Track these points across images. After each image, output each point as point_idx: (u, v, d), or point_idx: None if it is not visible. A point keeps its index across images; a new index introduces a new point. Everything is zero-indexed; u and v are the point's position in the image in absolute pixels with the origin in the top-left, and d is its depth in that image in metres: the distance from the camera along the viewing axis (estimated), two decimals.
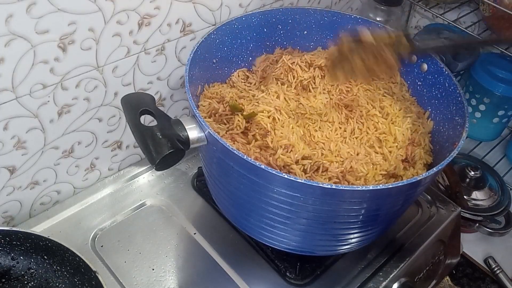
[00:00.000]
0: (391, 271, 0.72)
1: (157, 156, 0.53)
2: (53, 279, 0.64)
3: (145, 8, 0.67)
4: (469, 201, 0.96)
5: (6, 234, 0.63)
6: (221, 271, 0.69)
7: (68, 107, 0.68)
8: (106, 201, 0.78)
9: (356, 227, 0.62)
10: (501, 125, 1.08)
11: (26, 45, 0.58)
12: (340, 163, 0.61)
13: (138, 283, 0.67)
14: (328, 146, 0.63)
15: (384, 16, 1.02)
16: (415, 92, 0.75)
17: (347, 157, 0.62)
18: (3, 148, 0.65)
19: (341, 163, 0.61)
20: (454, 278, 0.97)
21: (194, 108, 0.57)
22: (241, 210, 0.65)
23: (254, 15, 0.75)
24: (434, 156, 0.67)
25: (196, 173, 0.82)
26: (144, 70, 0.74)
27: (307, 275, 0.70)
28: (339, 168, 0.60)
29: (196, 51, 0.66)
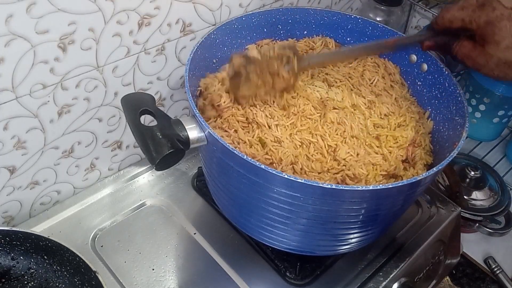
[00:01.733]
0: (391, 271, 0.72)
1: (157, 156, 0.53)
2: (53, 279, 0.64)
3: (145, 8, 0.67)
4: (469, 201, 0.96)
5: (6, 234, 0.63)
6: (221, 271, 0.69)
7: (68, 107, 0.68)
8: (106, 201, 0.78)
9: (356, 227, 0.62)
10: (501, 125, 1.08)
11: (26, 45, 0.58)
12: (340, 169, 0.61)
13: (138, 283, 0.67)
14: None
15: (384, 16, 1.02)
16: (415, 92, 0.75)
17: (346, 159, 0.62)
18: (3, 148, 0.65)
19: (340, 168, 0.61)
20: (454, 278, 0.97)
21: (194, 108, 0.57)
22: (241, 210, 0.65)
23: (254, 15, 0.75)
24: (434, 156, 0.67)
25: (196, 173, 0.82)
26: (144, 70, 0.74)
27: (307, 275, 0.70)
28: (339, 173, 0.61)
29: (196, 51, 0.66)
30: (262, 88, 0.64)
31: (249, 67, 0.63)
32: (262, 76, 0.63)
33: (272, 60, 0.63)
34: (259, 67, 0.63)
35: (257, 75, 0.63)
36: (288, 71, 0.64)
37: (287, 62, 0.64)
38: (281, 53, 0.64)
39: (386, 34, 0.76)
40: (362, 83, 0.73)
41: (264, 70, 0.63)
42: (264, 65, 0.63)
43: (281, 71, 0.63)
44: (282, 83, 0.64)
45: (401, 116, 0.69)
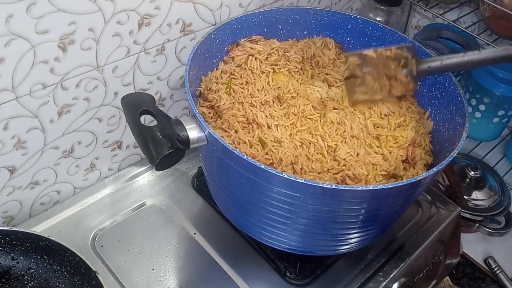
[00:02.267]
0: (391, 271, 0.72)
1: (157, 156, 0.53)
2: (53, 279, 0.64)
3: (145, 8, 0.67)
4: (469, 201, 0.96)
5: (6, 234, 0.63)
6: (221, 271, 0.69)
7: (68, 107, 0.68)
8: (106, 201, 0.78)
9: (356, 227, 0.62)
10: (501, 125, 1.08)
11: (26, 45, 0.58)
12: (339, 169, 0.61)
13: (138, 283, 0.67)
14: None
15: (384, 16, 1.02)
16: (415, 92, 0.75)
17: (346, 159, 0.62)
18: (3, 148, 0.65)
19: (340, 168, 0.61)
20: (454, 278, 0.97)
21: (194, 108, 0.57)
22: (241, 210, 0.65)
23: (254, 15, 0.75)
24: (434, 156, 0.67)
25: (196, 173, 0.82)
26: (144, 70, 0.74)
27: (307, 275, 0.70)
28: (339, 173, 0.61)
29: (196, 51, 0.66)
30: (378, 92, 0.60)
31: (365, 68, 0.60)
32: (378, 79, 0.60)
33: (389, 60, 0.59)
34: (375, 69, 0.59)
35: (373, 78, 0.60)
36: (406, 75, 0.59)
37: (405, 65, 0.60)
38: (398, 54, 0.60)
39: (386, 34, 0.76)
40: None
41: (380, 72, 0.60)
42: (380, 65, 0.59)
43: (399, 75, 0.59)
44: (400, 88, 0.60)
45: (401, 116, 0.69)
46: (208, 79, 0.71)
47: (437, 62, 0.60)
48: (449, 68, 0.62)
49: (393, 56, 0.59)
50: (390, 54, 0.59)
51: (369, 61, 0.60)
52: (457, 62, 0.60)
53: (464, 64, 0.60)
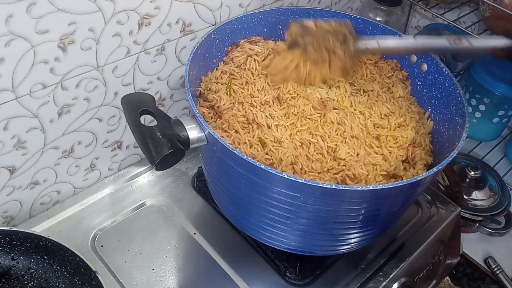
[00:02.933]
0: (391, 271, 0.72)
1: (157, 156, 0.53)
2: (53, 279, 0.64)
3: (145, 8, 0.67)
4: (469, 201, 0.96)
5: (6, 234, 0.63)
6: (221, 271, 0.69)
7: (68, 107, 0.68)
8: (106, 201, 0.78)
9: (356, 227, 0.62)
10: (501, 125, 1.08)
11: (26, 45, 0.58)
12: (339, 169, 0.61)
13: (138, 283, 0.67)
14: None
15: (384, 16, 1.02)
16: (415, 92, 0.75)
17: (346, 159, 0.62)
18: (3, 148, 0.65)
19: (340, 168, 0.61)
20: (454, 278, 0.97)
21: (194, 108, 0.57)
22: (241, 210, 0.65)
23: (254, 15, 0.75)
24: (434, 156, 0.67)
25: (196, 173, 0.83)
26: (144, 70, 0.74)
27: (307, 275, 0.70)
28: (339, 173, 0.61)
29: (196, 51, 0.66)
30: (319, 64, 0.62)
31: (306, 38, 0.61)
32: (319, 51, 0.61)
33: (328, 34, 0.61)
34: (316, 40, 0.61)
35: (314, 49, 0.61)
36: (343, 51, 0.61)
37: (344, 41, 0.61)
38: (337, 29, 0.61)
39: (386, 34, 0.76)
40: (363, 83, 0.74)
41: (320, 43, 0.61)
42: (320, 37, 0.61)
43: (337, 49, 0.61)
44: (338, 63, 0.62)
45: (401, 116, 0.69)
46: (208, 79, 0.71)
47: (374, 43, 0.63)
48: (386, 50, 0.65)
49: (332, 30, 0.61)
50: (329, 28, 0.62)
51: (310, 31, 0.62)
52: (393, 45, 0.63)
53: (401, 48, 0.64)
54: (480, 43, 0.62)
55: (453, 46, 0.61)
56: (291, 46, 0.63)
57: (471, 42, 0.60)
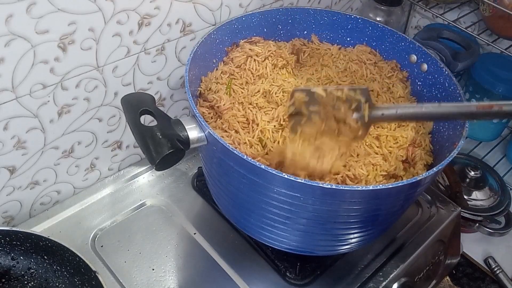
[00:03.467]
0: (391, 271, 0.72)
1: (157, 156, 0.53)
2: (53, 279, 0.64)
3: (145, 8, 0.67)
4: (469, 201, 0.96)
5: (6, 234, 0.63)
6: (221, 271, 0.69)
7: (68, 107, 0.68)
8: (106, 201, 0.78)
9: (356, 227, 0.61)
10: (501, 125, 1.08)
11: (26, 45, 0.58)
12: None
13: (138, 283, 0.67)
14: None
15: (384, 16, 1.02)
16: (415, 92, 0.75)
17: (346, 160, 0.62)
18: (3, 148, 0.65)
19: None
20: (454, 278, 0.97)
21: (194, 108, 0.57)
22: (241, 210, 0.65)
23: (254, 15, 0.75)
24: (434, 156, 0.67)
25: (196, 173, 0.83)
26: (144, 70, 0.74)
27: (307, 275, 0.70)
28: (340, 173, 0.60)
29: (196, 51, 0.66)
30: (325, 135, 0.55)
31: (312, 107, 0.55)
32: (326, 121, 0.54)
33: (339, 102, 0.54)
34: (324, 109, 0.54)
35: (320, 119, 0.54)
36: (356, 120, 0.54)
37: (356, 109, 0.54)
38: (350, 96, 0.54)
39: (386, 34, 0.76)
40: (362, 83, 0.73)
41: (329, 113, 0.54)
42: (330, 106, 0.54)
43: (349, 119, 0.54)
44: (348, 133, 0.54)
45: None
46: (208, 79, 0.71)
47: (392, 110, 0.55)
48: (404, 118, 0.57)
49: (345, 97, 0.54)
50: (341, 95, 0.54)
51: (317, 99, 0.55)
52: (413, 113, 0.55)
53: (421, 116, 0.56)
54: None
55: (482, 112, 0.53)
56: (293, 116, 0.56)
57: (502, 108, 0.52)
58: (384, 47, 0.78)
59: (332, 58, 0.78)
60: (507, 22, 0.91)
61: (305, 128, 0.55)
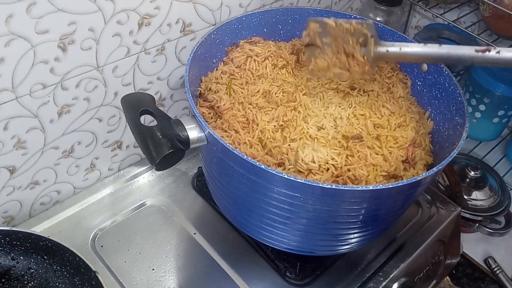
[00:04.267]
0: (391, 271, 0.72)
1: (157, 156, 0.53)
2: (53, 279, 0.64)
3: (145, 8, 0.67)
4: (469, 201, 0.96)
5: (6, 234, 0.63)
6: (221, 271, 0.69)
7: (68, 107, 0.68)
8: (106, 201, 0.78)
9: (356, 227, 0.62)
10: (501, 125, 1.08)
11: (26, 45, 0.58)
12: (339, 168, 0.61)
13: (138, 283, 0.67)
14: None
15: (384, 16, 1.02)
16: (415, 92, 0.75)
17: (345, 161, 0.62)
18: (3, 148, 0.65)
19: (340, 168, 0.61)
20: (454, 278, 0.97)
21: (194, 108, 0.57)
22: (241, 210, 0.65)
23: (254, 15, 0.75)
24: (434, 156, 0.67)
25: (196, 173, 0.83)
26: (144, 70, 0.74)
27: (307, 275, 0.70)
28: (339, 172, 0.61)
29: (196, 51, 0.66)
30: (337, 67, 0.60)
31: (325, 38, 0.59)
32: (337, 54, 0.59)
33: (348, 35, 0.58)
34: (335, 42, 0.59)
35: (332, 51, 0.59)
36: (363, 55, 0.58)
37: (363, 44, 0.58)
38: (358, 29, 0.58)
39: (386, 34, 0.76)
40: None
41: (339, 45, 0.58)
42: (340, 38, 0.58)
43: (356, 53, 0.58)
44: (357, 68, 0.59)
45: (401, 116, 0.69)
46: (208, 79, 0.71)
47: (396, 48, 0.59)
48: (408, 57, 0.60)
49: (353, 30, 0.59)
50: (349, 28, 0.58)
51: (329, 30, 0.59)
52: (416, 52, 0.59)
53: (424, 55, 0.59)
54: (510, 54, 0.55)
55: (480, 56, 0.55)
56: (308, 46, 0.61)
57: (500, 53, 0.55)
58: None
59: None
60: (507, 22, 0.91)
61: (318, 60, 0.60)
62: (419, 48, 0.59)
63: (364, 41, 0.58)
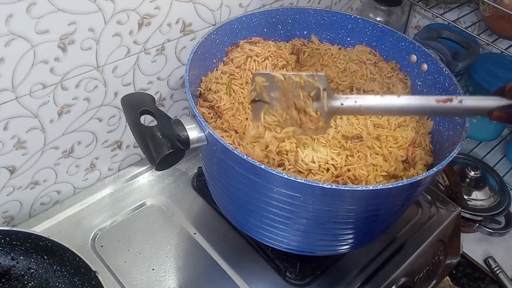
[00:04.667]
0: (391, 271, 0.72)
1: (157, 156, 0.53)
2: (53, 279, 0.64)
3: (145, 8, 0.67)
4: (469, 201, 0.96)
5: (6, 234, 0.63)
6: (221, 271, 0.69)
7: (68, 107, 0.68)
8: (106, 201, 0.78)
9: (356, 227, 0.61)
10: (501, 125, 1.08)
11: (26, 45, 0.58)
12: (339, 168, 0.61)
13: (138, 283, 0.67)
14: None
15: (384, 16, 1.02)
16: (415, 92, 0.75)
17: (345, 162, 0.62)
18: (3, 148, 0.65)
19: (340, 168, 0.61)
20: (454, 278, 0.97)
21: (194, 108, 0.57)
22: (241, 210, 0.65)
23: (254, 15, 0.75)
24: (434, 156, 0.67)
25: (196, 173, 0.83)
26: (144, 70, 0.74)
27: (307, 275, 0.70)
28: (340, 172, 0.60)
29: (196, 51, 0.66)
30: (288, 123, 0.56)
31: (273, 93, 0.55)
32: (287, 110, 0.55)
33: (298, 88, 0.54)
34: (284, 96, 0.55)
35: (281, 107, 0.55)
36: (316, 110, 0.54)
37: (316, 98, 0.54)
38: (309, 82, 0.54)
39: (386, 34, 0.76)
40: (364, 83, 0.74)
41: (289, 100, 0.54)
42: (290, 93, 0.54)
43: (308, 108, 0.54)
44: (310, 124, 0.55)
45: (401, 116, 0.69)
46: (208, 79, 0.71)
47: (351, 101, 0.55)
48: (364, 111, 0.56)
49: (303, 83, 0.54)
50: (299, 81, 0.54)
51: (277, 84, 0.55)
52: (373, 105, 0.55)
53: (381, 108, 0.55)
54: (472, 103, 0.53)
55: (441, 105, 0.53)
56: (255, 102, 0.56)
57: (463, 102, 0.53)
58: (384, 47, 0.77)
59: (332, 58, 0.78)
60: (507, 22, 0.91)
61: (268, 117, 0.56)
62: (376, 101, 0.55)
63: (316, 94, 0.54)
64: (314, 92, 0.54)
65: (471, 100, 0.53)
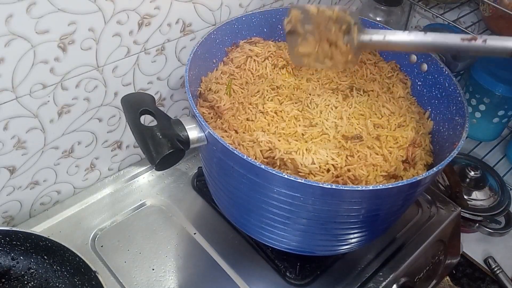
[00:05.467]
0: (391, 271, 0.72)
1: (157, 156, 0.53)
2: (53, 279, 0.64)
3: (145, 8, 0.67)
4: (469, 201, 0.96)
5: (6, 234, 0.63)
6: (221, 271, 0.69)
7: (68, 107, 0.68)
8: (106, 201, 0.78)
9: (356, 227, 0.61)
10: (501, 125, 1.08)
11: (26, 45, 0.58)
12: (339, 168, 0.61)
13: (138, 283, 0.67)
14: None
15: (384, 16, 1.02)
16: (415, 92, 0.75)
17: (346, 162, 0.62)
18: (3, 148, 0.65)
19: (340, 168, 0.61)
20: (454, 278, 0.97)
21: (194, 108, 0.57)
22: (241, 210, 0.65)
23: (254, 15, 0.75)
24: (434, 156, 0.67)
25: (196, 173, 0.83)
26: (144, 70, 0.74)
27: (307, 275, 0.70)
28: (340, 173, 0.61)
29: (196, 51, 0.66)
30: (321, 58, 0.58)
31: (307, 26, 0.57)
32: (320, 43, 0.57)
33: (330, 22, 0.56)
34: (317, 29, 0.57)
35: (315, 40, 0.57)
36: (346, 43, 0.56)
37: (346, 31, 0.56)
38: (341, 16, 0.56)
39: None
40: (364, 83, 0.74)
41: (322, 33, 0.57)
42: (322, 26, 0.56)
43: (339, 41, 0.56)
44: (340, 57, 0.57)
45: (401, 116, 0.69)
46: (208, 79, 0.71)
47: (380, 36, 0.57)
48: (392, 45, 0.58)
49: (335, 17, 0.56)
50: (332, 15, 0.56)
51: (311, 17, 0.57)
52: (400, 40, 0.57)
53: (409, 43, 0.57)
54: (496, 43, 0.53)
55: (466, 44, 0.54)
56: (290, 34, 0.59)
57: (487, 42, 0.53)
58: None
59: None
60: (507, 22, 0.91)
61: (301, 48, 0.58)
62: (404, 36, 0.57)
63: (347, 28, 0.56)
64: (345, 26, 0.56)
65: (495, 40, 0.54)
